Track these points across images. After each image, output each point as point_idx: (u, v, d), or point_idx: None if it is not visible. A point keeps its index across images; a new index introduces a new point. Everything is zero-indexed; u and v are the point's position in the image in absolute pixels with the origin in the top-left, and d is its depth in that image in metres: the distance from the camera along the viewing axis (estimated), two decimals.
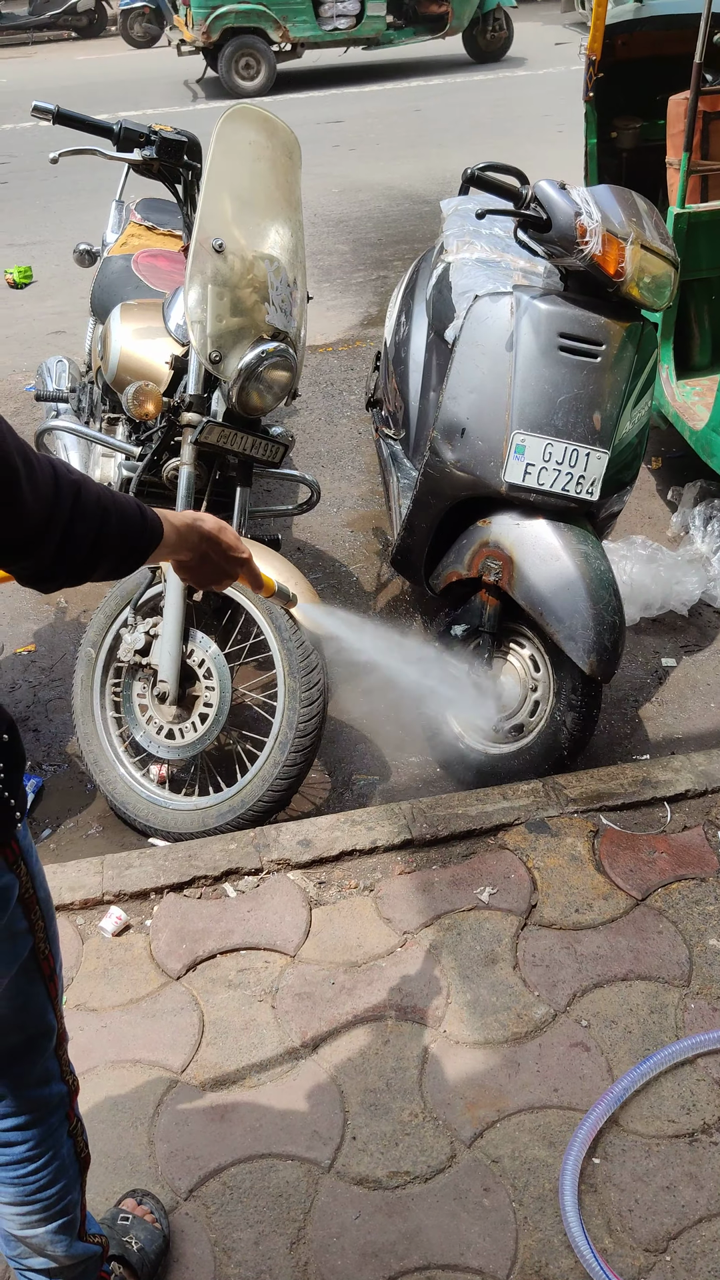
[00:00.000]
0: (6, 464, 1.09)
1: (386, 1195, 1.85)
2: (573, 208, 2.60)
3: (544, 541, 2.71)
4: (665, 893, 2.36)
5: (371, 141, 9.02)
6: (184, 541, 1.41)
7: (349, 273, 6.21)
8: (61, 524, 1.17)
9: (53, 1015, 1.40)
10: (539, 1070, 2.02)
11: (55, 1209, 1.46)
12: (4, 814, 1.22)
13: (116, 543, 1.26)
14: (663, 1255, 1.75)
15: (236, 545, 1.50)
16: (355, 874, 2.43)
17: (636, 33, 4.35)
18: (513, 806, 2.59)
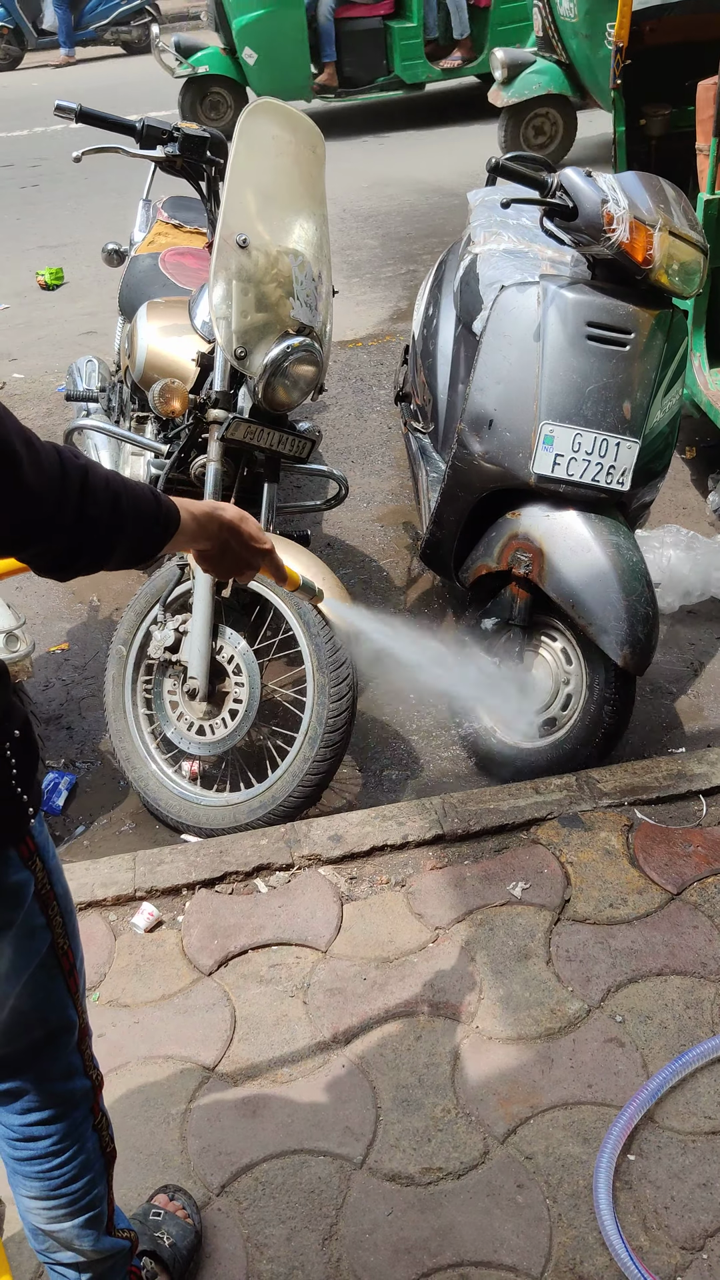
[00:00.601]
0: (6, 446, 1.08)
1: (419, 1192, 1.83)
2: (599, 195, 2.57)
3: (574, 533, 2.69)
4: (700, 887, 2.33)
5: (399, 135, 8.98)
6: (204, 530, 1.39)
7: (378, 267, 6.19)
8: (71, 508, 1.16)
9: (73, 1010, 1.40)
10: (573, 1066, 2.00)
11: (81, 1203, 1.46)
12: (18, 810, 1.22)
13: (130, 526, 1.24)
14: (699, 1253, 1.73)
15: (258, 536, 1.48)
16: (387, 869, 2.42)
17: (664, 18, 4.30)
18: (545, 801, 2.57)
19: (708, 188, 3.45)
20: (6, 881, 1.23)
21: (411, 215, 7.01)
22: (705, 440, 4.11)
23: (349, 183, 7.76)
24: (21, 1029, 1.34)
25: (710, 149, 3.45)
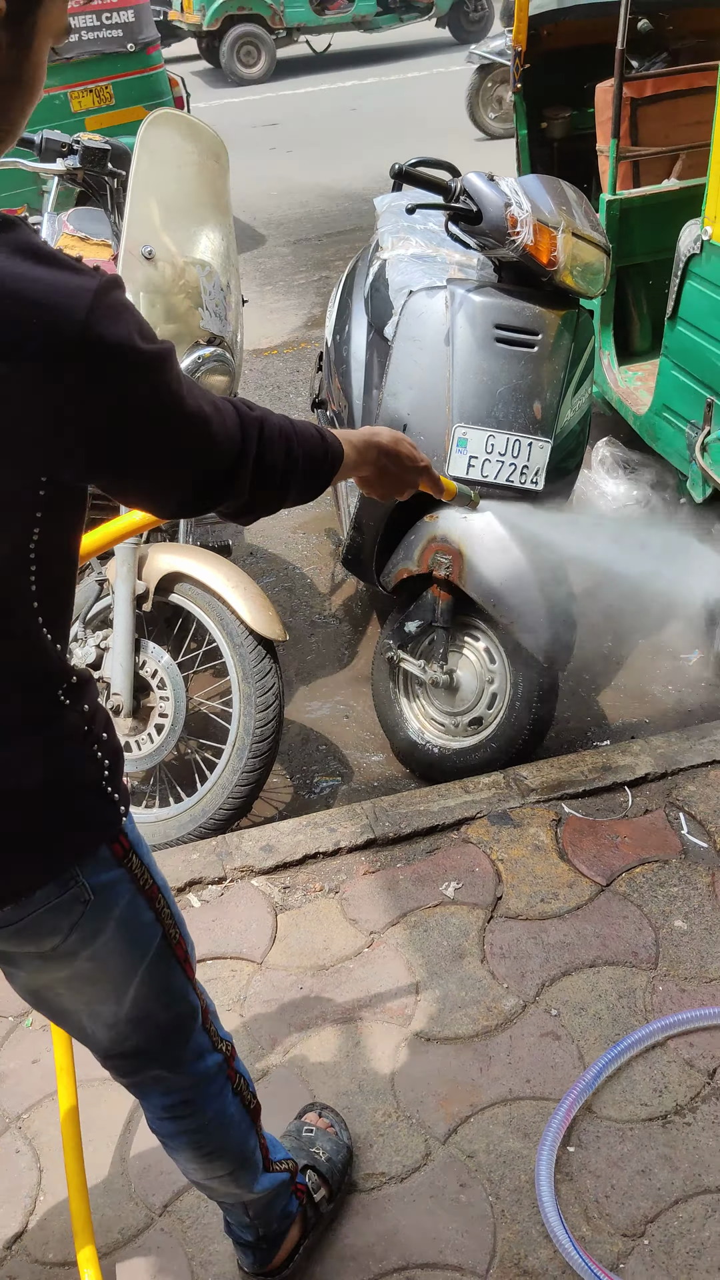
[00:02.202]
0: (200, 414, 1.15)
1: (362, 1198, 1.84)
2: (502, 199, 2.60)
3: (492, 533, 2.71)
4: (629, 877, 2.36)
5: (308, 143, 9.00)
6: (363, 459, 1.46)
7: (291, 274, 6.20)
8: (252, 457, 1.23)
9: (194, 994, 1.45)
10: (510, 1062, 2.02)
11: (235, 1162, 1.55)
12: (111, 808, 1.26)
13: (304, 466, 1.31)
14: (640, 1239, 1.75)
15: (414, 455, 1.54)
16: (320, 877, 2.42)
17: (561, 22, 4.36)
18: (474, 800, 2.59)
19: (609, 188, 3.51)
20: (101, 879, 1.26)
21: (322, 221, 7.03)
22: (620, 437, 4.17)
23: (259, 190, 7.77)
24: (148, 1020, 1.39)
25: (610, 150, 3.51)
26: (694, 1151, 1.86)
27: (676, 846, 2.43)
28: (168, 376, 1.11)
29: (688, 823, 2.48)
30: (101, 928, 1.28)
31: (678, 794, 2.56)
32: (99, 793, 1.25)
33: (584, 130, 4.29)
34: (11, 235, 1.00)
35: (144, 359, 1.07)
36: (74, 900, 1.24)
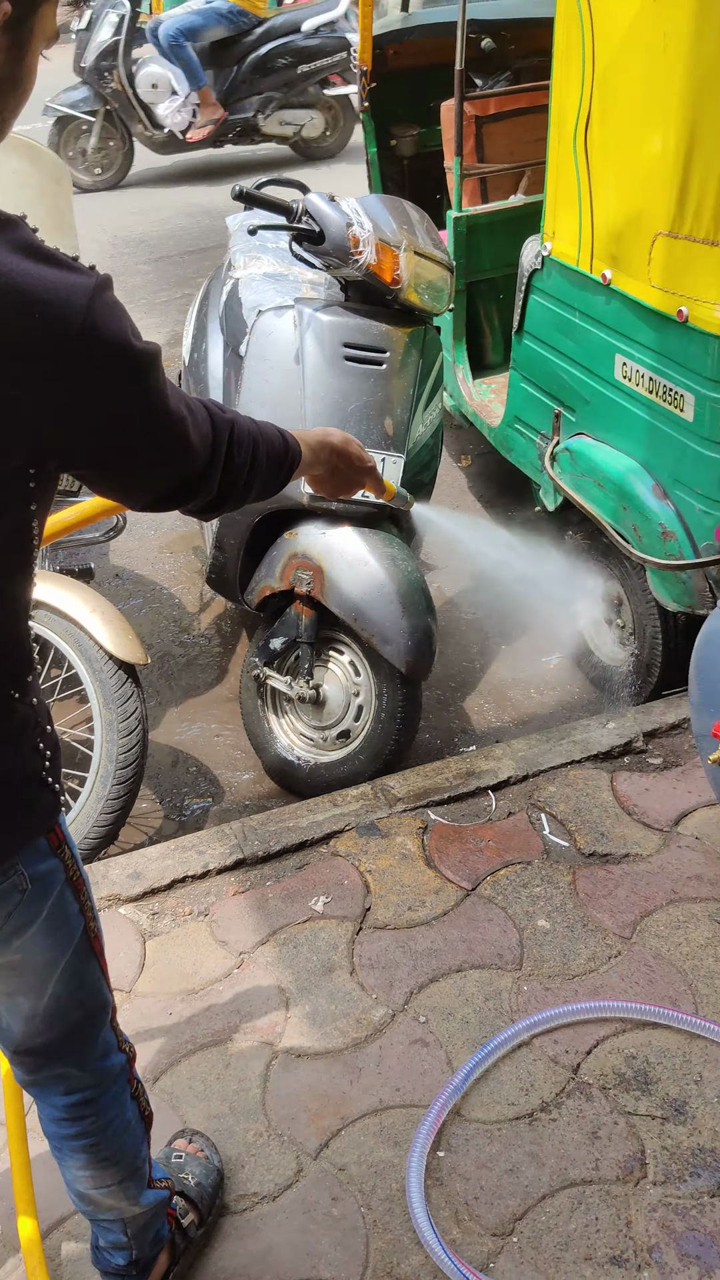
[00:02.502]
0: (179, 414, 1.21)
1: (235, 1220, 1.83)
2: (344, 219, 2.64)
3: (351, 548, 2.74)
4: (493, 880, 2.41)
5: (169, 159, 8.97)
6: (318, 458, 1.55)
7: (152, 292, 6.16)
8: (223, 457, 1.31)
9: (106, 990, 1.47)
10: (380, 1072, 2.04)
11: (126, 1167, 1.55)
12: (52, 800, 1.30)
13: (267, 466, 1.40)
14: (510, 1238, 1.79)
15: (363, 455, 1.64)
16: (189, 900, 2.41)
17: (406, 42, 4.45)
18: (343, 813, 2.61)
19: (455, 205, 3.58)
20: (38, 869, 1.30)
21: (183, 238, 7.01)
22: (479, 449, 4.26)
23: (118, 207, 7.71)
24: (63, 1014, 1.40)
25: (455, 168, 3.58)
26: (560, 1146, 1.91)
27: (539, 847, 2.49)
28: (156, 375, 1.17)
29: (549, 823, 2.54)
30: (34, 917, 1.31)
31: (539, 795, 2.62)
32: (42, 783, 1.28)
33: (433, 147, 4.38)
34: (12, 234, 1.04)
35: (137, 356, 1.13)
36: (12, 889, 1.27)
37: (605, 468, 2.79)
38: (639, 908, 2.32)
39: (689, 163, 2.34)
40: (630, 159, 2.51)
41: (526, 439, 3.26)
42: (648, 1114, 1.94)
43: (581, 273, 2.77)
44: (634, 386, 2.67)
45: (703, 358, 2.42)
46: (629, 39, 2.42)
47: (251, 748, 2.99)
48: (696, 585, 2.63)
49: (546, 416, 3.09)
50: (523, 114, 3.86)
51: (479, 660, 3.38)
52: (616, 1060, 2.03)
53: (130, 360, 1.12)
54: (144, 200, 7.86)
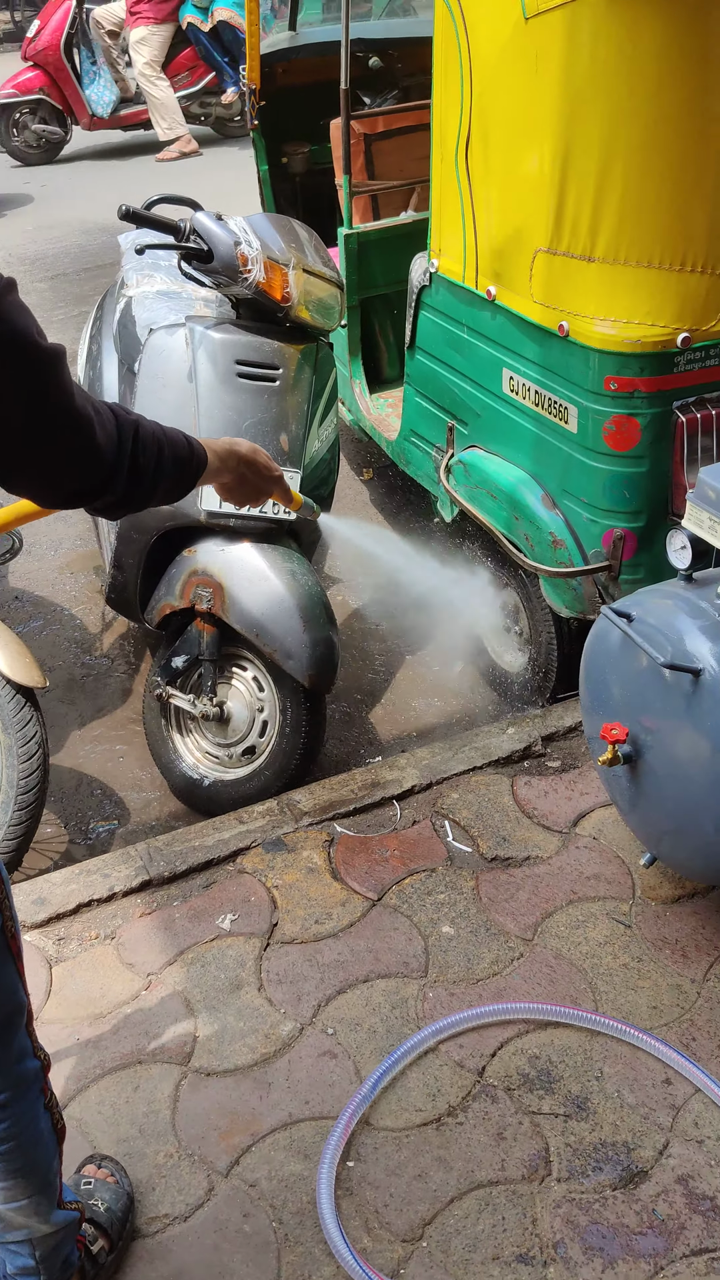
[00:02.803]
0: (85, 414, 1.27)
1: (146, 1243, 1.83)
2: (231, 238, 2.65)
3: (250, 564, 2.75)
4: (399, 889, 2.44)
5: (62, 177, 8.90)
6: (225, 465, 1.62)
7: (49, 310, 6.10)
8: (127, 458, 1.36)
9: (23, 992, 1.48)
10: (289, 1086, 2.05)
11: (38, 1181, 1.53)
12: None
13: (171, 470, 1.46)
14: (419, 1243, 1.81)
15: (270, 465, 1.72)
16: (95, 924, 2.39)
17: (294, 60, 4.48)
18: (249, 829, 2.61)
19: (345, 222, 3.63)
20: None
21: (80, 255, 6.96)
22: (379, 462, 4.31)
23: (12, 226, 7.63)
24: None
25: (344, 185, 3.62)
26: (466, 1149, 1.94)
27: (442, 854, 2.52)
28: (62, 374, 1.24)
29: (452, 829, 2.58)
30: None
31: (442, 803, 2.66)
32: None
33: (325, 164, 4.41)
34: None
35: (43, 353, 1.20)
36: None
37: (497, 479, 2.85)
38: (540, 909, 2.37)
39: (564, 181, 2.41)
40: (509, 177, 2.57)
41: (422, 452, 3.31)
42: (551, 1112, 1.98)
43: (467, 289, 2.83)
44: (521, 400, 2.73)
45: (584, 371, 2.49)
46: (503, 60, 2.48)
47: (157, 768, 2.98)
48: (586, 591, 2.69)
49: (440, 430, 3.15)
50: (411, 131, 3.91)
51: (383, 671, 3.42)
52: (520, 1061, 2.07)
53: (36, 356, 1.19)
54: (39, 218, 7.79)
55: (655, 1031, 2.10)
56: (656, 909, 2.37)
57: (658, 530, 2.59)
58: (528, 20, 2.35)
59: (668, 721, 2.11)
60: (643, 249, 2.39)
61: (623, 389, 2.46)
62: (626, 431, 2.49)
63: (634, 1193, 1.86)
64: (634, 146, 2.33)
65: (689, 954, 2.26)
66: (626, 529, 2.59)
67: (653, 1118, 1.97)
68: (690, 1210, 1.83)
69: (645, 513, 2.58)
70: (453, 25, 2.61)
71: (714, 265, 2.41)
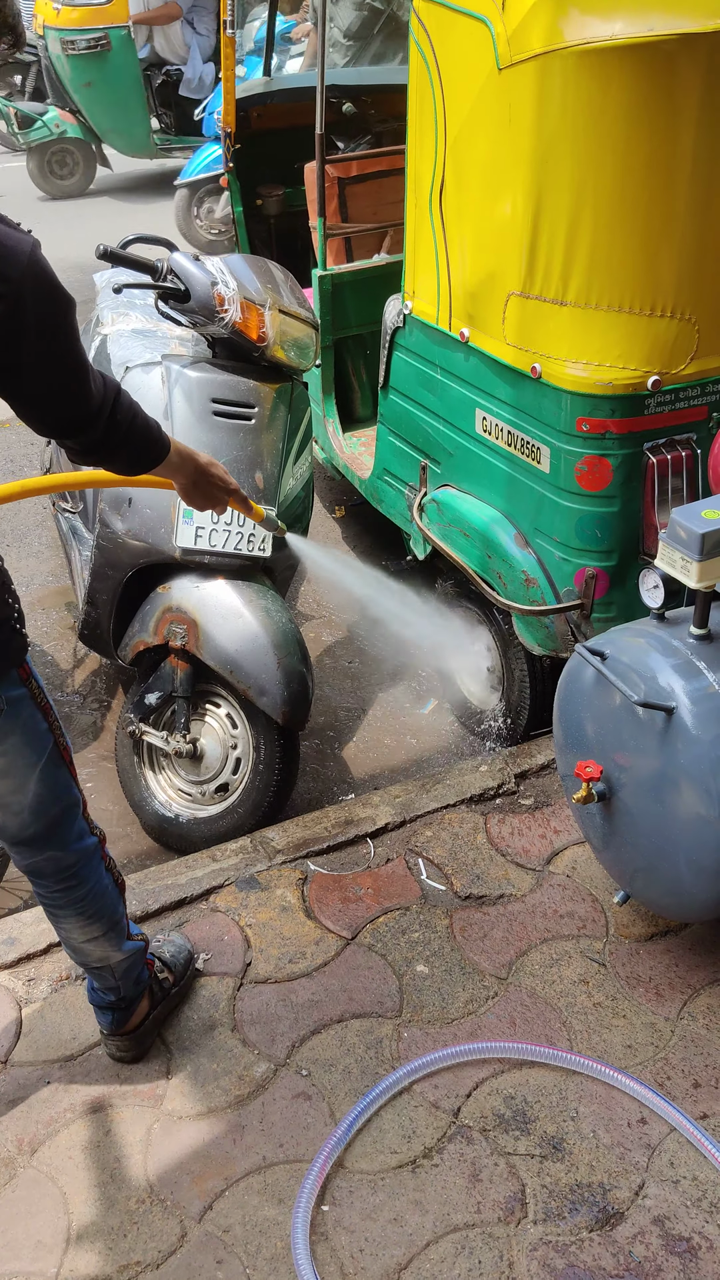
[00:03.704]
0: (84, 357, 1.57)
1: None
2: (208, 278, 2.68)
3: (224, 601, 2.76)
4: (373, 928, 2.43)
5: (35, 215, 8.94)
6: (184, 465, 1.86)
7: None
8: (109, 408, 1.64)
9: (76, 789, 1.92)
10: (263, 1129, 2.03)
11: (108, 920, 1.99)
12: (20, 640, 1.74)
13: (139, 436, 1.72)
14: None
15: (225, 478, 1.97)
16: (66, 965, 2.36)
17: (269, 105, 4.55)
18: (222, 867, 2.60)
19: (320, 264, 3.67)
20: (11, 694, 1.72)
21: None
22: (352, 500, 4.33)
23: None
24: (44, 809, 1.85)
25: (318, 227, 3.67)
26: (443, 1192, 1.92)
27: (416, 892, 2.52)
28: (73, 317, 1.53)
29: (426, 867, 2.58)
30: (11, 731, 1.74)
31: (416, 840, 2.66)
32: (13, 628, 1.71)
33: (299, 207, 4.47)
34: None
35: (63, 298, 1.51)
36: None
37: (470, 518, 2.88)
38: (514, 948, 2.37)
39: (536, 226, 2.45)
40: (482, 222, 2.61)
41: (395, 490, 3.33)
42: (527, 1153, 1.97)
43: (441, 331, 2.86)
44: (494, 440, 2.76)
45: (556, 412, 2.53)
46: (477, 109, 2.53)
47: (128, 805, 2.96)
48: (559, 629, 2.72)
49: (413, 469, 3.17)
50: (384, 176, 3.98)
51: (356, 708, 3.42)
52: (495, 1101, 2.06)
53: (58, 298, 1.49)
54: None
55: (630, 1070, 2.10)
56: (630, 947, 2.37)
57: (629, 569, 2.62)
58: (501, 71, 2.40)
59: (641, 759, 2.13)
60: (613, 294, 2.43)
61: (594, 430, 2.50)
62: (598, 472, 2.53)
63: (610, 1234, 1.85)
64: (604, 195, 2.37)
65: (663, 992, 2.27)
66: (599, 568, 2.62)
67: (628, 1158, 1.97)
68: (667, 1252, 1.83)
69: (617, 552, 2.61)
70: (428, 74, 2.66)
71: (683, 310, 2.45)
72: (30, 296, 1.45)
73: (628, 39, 2.24)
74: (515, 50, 2.36)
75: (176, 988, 2.24)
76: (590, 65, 2.27)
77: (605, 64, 2.26)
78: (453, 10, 2.52)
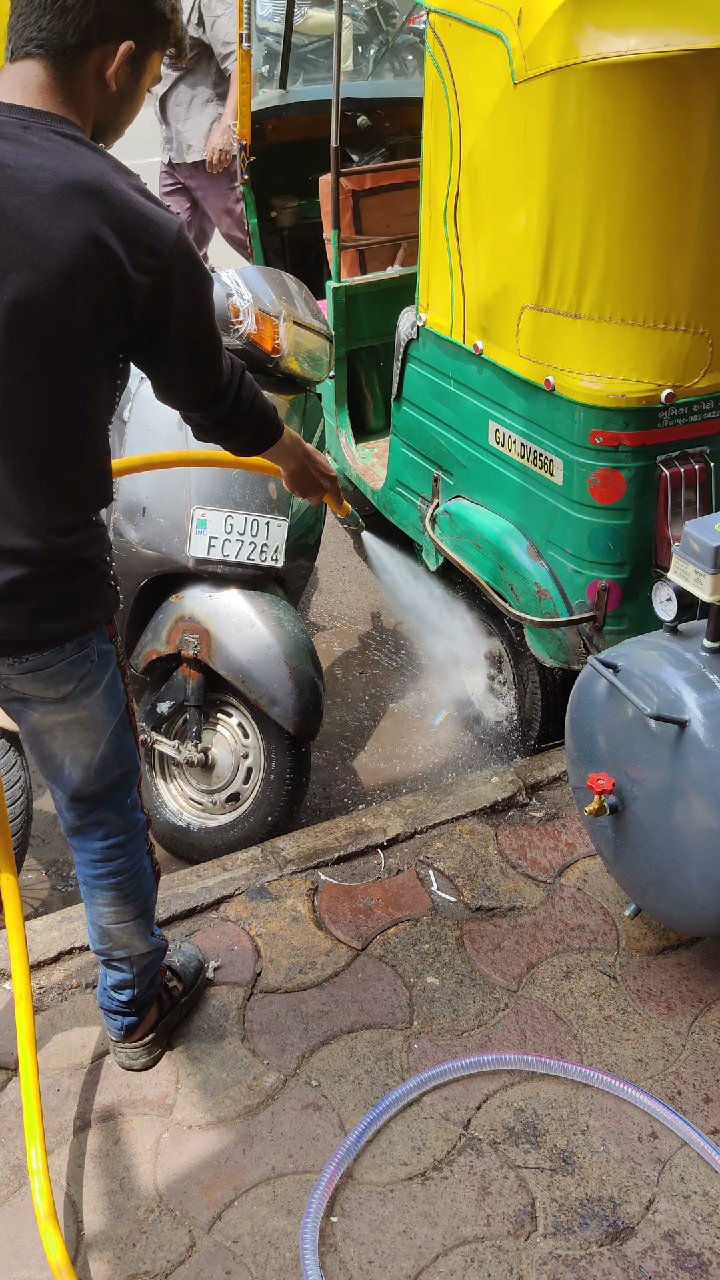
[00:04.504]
0: (218, 333, 1.68)
1: None
2: (224, 290, 2.69)
3: (237, 611, 2.77)
4: (383, 939, 2.43)
5: None
6: (294, 449, 1.97)
7: None
8: (236, 386, 1.74)
9: (138, 758, 1.97)
10: (273, 1139, 2.03)
11: (141, 905, 2.02)
12: (114, 596, 1.80)
13: (259, 415, 1.81)
14: None
15: (327, 465, 2.06)
16: (77, 973, 2.37)
17: (284, 117, 4.57)
18: (233, 877, 2.60)
19: (334, 276, 3.68)
20: (102, 647, 1.79)
21: None
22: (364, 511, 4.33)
23: None
24: (108, 769, 1.89)
25: (333, 239, 3.68)
26: (452, 1204, 1.92)
27: (427, 903, 2.52)
28: (212, 294, 1.64)
29: (437, 879, 2.58)
30: (97, 684, 1.79)
31: (426, 851, 2.66)
32: (109, 583, 1.77)
33: (313, 219, 4.49)
34: (132, 178, 1.54)
35: (205, 275, 1.61)
36: (85, 658, 1.75)
37: (482, 529, 2.88)
38: (525, 960, 2.36)
39: (551, 240, 2.46)
40: (497, 235, 2.62)
41: (408, 501, 3.34)
42: (537, 1166, 1.97)
43: (454, 343, 2.87)
44: (507, 451, 2.77)
45: (569, 424, 2.53)
46: (492, 123, 2.54)
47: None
48: (571, 641, 2.72)
49: (426, 480, 3.18)
50: (398, 189, 4.00)
51: (367, 718, 3.42)
52: (506, 1114, 2.05)
53: (200, 273, 1.59)
54: None
55: (641, 1084, 2.09)
56: (641, 960, 2.37)
57: (642, 582, 2.62)
58: (516, 85, 2.42)
59: (653, 772, 2.13)
60: (627, 307, 2.44)
61: (608, 443, 2.50)
62: (611, 484, 2.53)
63: (621, 1249, 1.85)
64: (618, 209, 2.38)
65: (674, 1006, 2.26)
66: (611, 580, 2.62)
67: (639, 1172, 1.96)
68: (677, 1268, 1.82)
69: (629, 564, 2.61)
70: (443, 87, 2.67)
71: (697, 324, 2.46)
72: (177, 271, 1.54)
73: (643, 54, 2.25)
74: (531, 65, 2.37)
75: (186, 996, 2.24)
76: (605, 80, 2.28)
77: (620, 79, 2.27)
78: (469, 25, 2.54)
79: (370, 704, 3.48)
